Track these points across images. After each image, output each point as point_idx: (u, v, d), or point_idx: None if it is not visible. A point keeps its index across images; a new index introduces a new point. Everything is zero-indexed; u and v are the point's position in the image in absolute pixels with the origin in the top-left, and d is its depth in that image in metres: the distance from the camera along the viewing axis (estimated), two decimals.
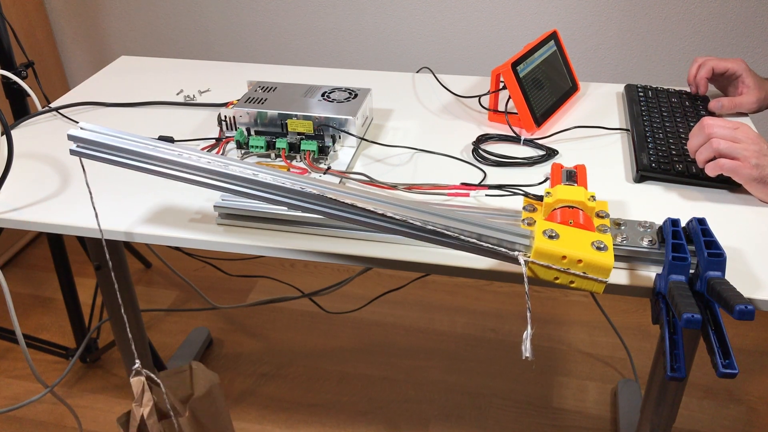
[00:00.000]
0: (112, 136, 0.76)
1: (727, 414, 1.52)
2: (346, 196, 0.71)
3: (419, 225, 0.70)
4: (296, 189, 0.71)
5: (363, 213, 0.71)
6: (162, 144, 0.75)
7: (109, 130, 0.76)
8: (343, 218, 0.73)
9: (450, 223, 0.70)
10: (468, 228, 0.70)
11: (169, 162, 0.74)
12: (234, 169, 0.73)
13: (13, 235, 2.06)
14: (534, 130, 1.07)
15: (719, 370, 0.60)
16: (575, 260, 0.67)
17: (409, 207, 0.72)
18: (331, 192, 0.71)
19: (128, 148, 0.75)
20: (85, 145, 0.76)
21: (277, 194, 0.73)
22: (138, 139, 0.76)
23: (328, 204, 0.72)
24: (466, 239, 0.70)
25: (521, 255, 0.69)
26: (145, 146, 0.75)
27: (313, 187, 0.72)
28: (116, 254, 1.32)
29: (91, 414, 1.56)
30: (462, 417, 1.53)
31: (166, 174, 0.75)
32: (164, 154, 0.74)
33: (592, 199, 0.78)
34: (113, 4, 2.04)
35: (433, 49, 1.91)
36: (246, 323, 1.82)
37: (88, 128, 0.76)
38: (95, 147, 0.76)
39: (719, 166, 0.87)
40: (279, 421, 1.53)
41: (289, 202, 0.73)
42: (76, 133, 0.76)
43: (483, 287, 1.92)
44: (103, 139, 0.75)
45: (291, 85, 1.09)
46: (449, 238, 0.71)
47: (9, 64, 1.32)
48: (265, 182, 0.72)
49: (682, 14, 1.72)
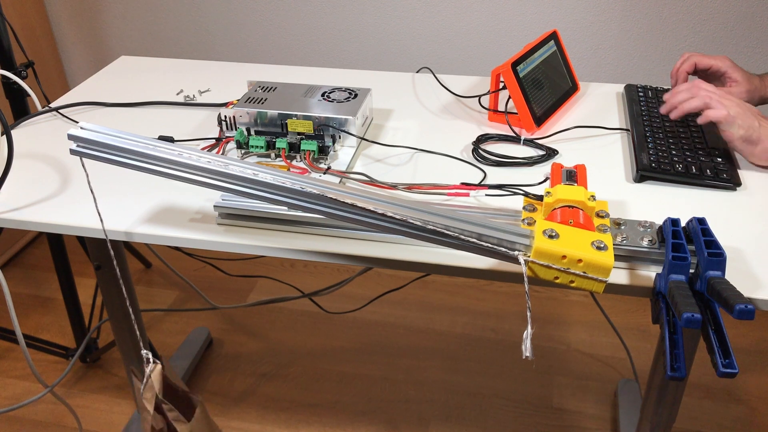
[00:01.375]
0: (112, 135, 0.76)
1: (727, 414, 1.52)
2: (347, 196, 0.71)
3: (419, 225, 0.70)
4: (296, 189, 0.71)
5: (363, 213, 0.71)
6: (162, 144, 0.75)
7: (109, 130, 0.76)
8: (343, 218, 0.73)
9: (450, 223, 0.70)
10: (468, 228, 0.70)
11: (170, 161, 0.74)
12: (234, 169, 0.73)
13: (13, 235, 2.06)
14: (534, 130, 1.07)
15: (719, 370, 0.60)
16: (575, 260, 0.67)
17: (409, 207, 0.72)
18: (331, 192, 0.71)
19: (128, 147, 0.75)
20: (85, 145, 0.76)
21: (278, 194, 0.73)
22: (138, 139, 0.75)
23: (329, 204, 0.72)
24: (466, 239, 0.70)
25: (521, 255, 0.69)
26: (146, 146, 0.75)
27: (314, 186, 0.72)
28: (116, 254, 1.32)
29: (91, 414, 1.56)
30: (462, 417, 1.53)
31: (166, 174, 0.75)
32: (164, 154, 0.74)
33: (592, 199, 0.78)
34: (113, 5, 2.04)
35: (433, 49, 1.91)
36: (246, 323, 1.82)
37: (89, 128, 0.76)
38: (95, 147, 0.76)
39: (707, 116, 0.91)
40: (279, 421, 1.53)
41: (289, 201, 0.73)
42: (76, 132, 0.76)
43: (483, 287, 1.92)
44: (103, 139, 0.75)
45: (291, 85, 1.09)
46: (449, 238, 0.71)
47: (9, 64, 1.32)
48: (265, 182, 0.72)
49: (681, 14, 1.73)
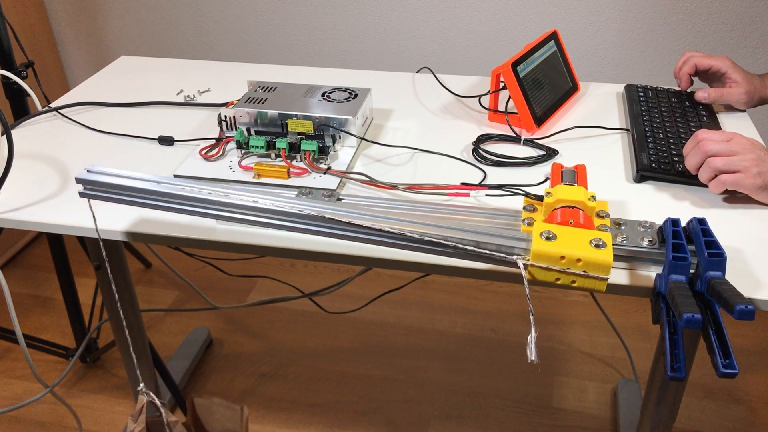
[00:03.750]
0: (119, 176, 0.79)
1: (727, 414, 1.52)
2: (344, 215, 0.74)
3: (417, 237, 0.72)
4: (295, 212, 0.75)
5: (362, 230, 0.74)
6: (166, 180, 0.79)
7: (115, 171, 0.80)
8: (343, 237, 0.75)
9: (447, 233, 0.72)
10: (465, 236, 0.71)
11: (175, 197, 0.78)
12: (234, 198, 0.76)
13: (13, 235, 2.06)
14: (534, 130, 1.07)
15: (719, 370, 0.60)
16: (574, 259, 0.67)
17: (406, 220, 0.74)
18: (329, 212, 0.74)
19: (134, 186, 0.79)
20: (92, 188, 0.80)
21: (278, 219, 0.76)
22: (143, 177, 0.79)
23: (328, 224, 0.75)
24: (465, 247, 0.71)
25: (520, 259, 0.70)
26: (149, 183, 0.79)
27: (312, 208, 0.75)
28: (116, 254, 1.32)
29: (91, 414, 1.56)
30: (462, 417, 1.53)
31: (173, 209, 0.79)
32: (169, 189, 0.78)
33: (592, 199, 0.78)
34: (113, 5, 2.04)
35: (433, 49, 1.91)
36: (246, 323, 1.82)
37: (95, 170, 0.80)
38: (103, 188, 0.80)
39: (722, 182, 0.86)
40: (279, 421, 1.53)
41: (290, 226, 0.76)
42: (83, 176, 0.80)
43: (483, 287, 1.92)
44: (109, 180, 0.79)
45: (291, 85, 1.09)
46: (447, 248, 0.72)
47: (9, 64, 1.32)
48: (265, 208, 0.76)
49: (682, 14, 1.72)
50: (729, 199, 0.90)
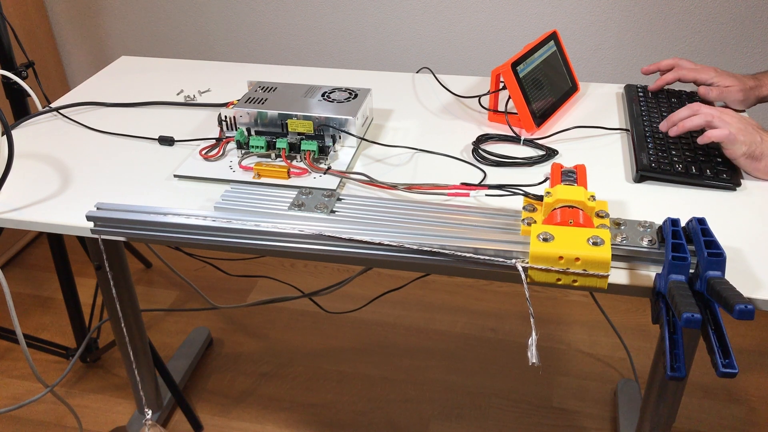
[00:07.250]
0: (128, 211, 0.82)
1: (727, 414, 1.52)
2: (344, 231, 0.76)
3: (415, 248, 0.74)
4: (296, 233, 0.78)
5: (362, 245, 0.76)
6: (172, 210, 0.82)
7: (124, 206, 0.83)
8: (344, 254, 0.78)
9: (445, 242, 0.73)
10: (464, 244, 0.72)
11: (182, 226, 0.81)
12: (236, 224, 0.79)
13: (13, 235, 2.06)
14: (534, 130, 1.07)
15: (719, 370, 0.60)
16: (572, 259, 0.67)
17: (405, 231, 0.76)
18: (328, 230, 0.77)
19: (144, 219, 0.81)
20: (103, 224, 0.82)
21: (278, 240, 0.79)
22: (151, 210, 0.82)
23: (328, 241, 0.78)
24: (463, 254, 0.71)
25: (519, 262, 0.70)
26: (157, 215, 0.81)
27: (311, 228, 0.77)
28: (116, 254, 1.32)
29: (91, 414, 1.56)
30: (462, 417, 1.53)
31: (181, 240, 0.82)
32: (176, 220, 0.81)
33: (592, 199, 0.78)
34: (113, 5, 2.05)
35: (433, 49, 1.91)
36: (246, 323, 1.82)
37: (106, 207, 0.82)
38: (114, 224, 0.82)
39: (708, 136, 0.92)
40: (279, 421, 1.53)
41: (291, 246, 0.79)
42: (94, 213, 0.82)
43: (483, 287, 1.92)
44: (119, 215, 0.81)
45: (291, 85, 1.09)
46: (446, 257, 0.73)
47: (9, 64, 1.32)
48: (266, 231, 0.79)
49: (682, 14, 1.73)
50: (729, 199, 0.90)
